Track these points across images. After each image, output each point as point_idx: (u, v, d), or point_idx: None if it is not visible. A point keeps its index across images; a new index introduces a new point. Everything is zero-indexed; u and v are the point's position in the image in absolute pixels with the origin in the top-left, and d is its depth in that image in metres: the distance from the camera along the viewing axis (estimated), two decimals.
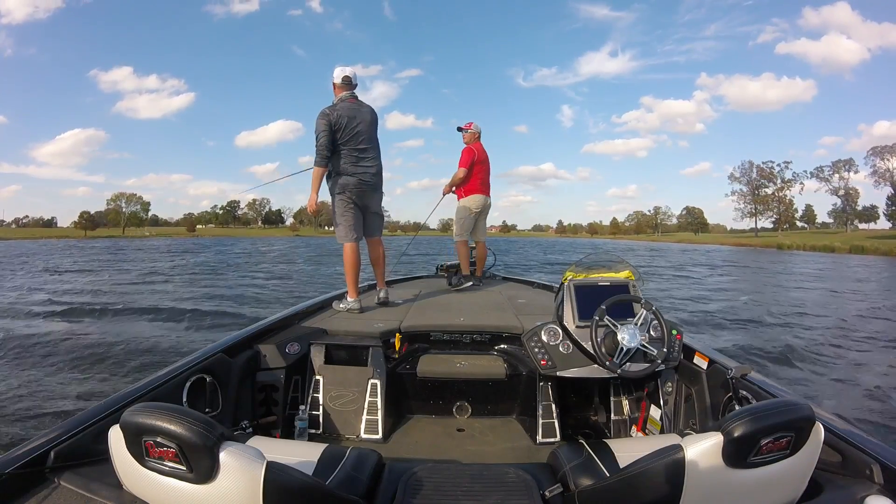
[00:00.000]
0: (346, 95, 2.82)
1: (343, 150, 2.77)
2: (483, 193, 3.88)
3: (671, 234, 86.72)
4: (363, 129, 2.80)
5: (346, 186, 2.80)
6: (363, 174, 2.83)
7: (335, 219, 2.88)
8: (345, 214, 2.84)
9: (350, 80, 2.85)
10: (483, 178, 3.89)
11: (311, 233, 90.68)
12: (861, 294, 11.43)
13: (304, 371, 2.18)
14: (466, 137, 3.88)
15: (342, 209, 2.84)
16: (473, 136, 3.90)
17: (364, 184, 2.84)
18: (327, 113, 2.73)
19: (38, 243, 43.60)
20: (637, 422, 2.11)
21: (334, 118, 2.72)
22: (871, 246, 36.59)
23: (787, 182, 68.55)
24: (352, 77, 2.85)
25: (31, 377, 4.19)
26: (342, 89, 2.84)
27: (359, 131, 2.78)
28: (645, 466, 1.05)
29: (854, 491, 1.10)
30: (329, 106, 2.78)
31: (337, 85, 2.85)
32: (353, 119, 2.76)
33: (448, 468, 1.48)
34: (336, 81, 2.85)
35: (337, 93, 2.85)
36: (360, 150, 2.80)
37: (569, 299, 2.04)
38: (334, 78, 2.86)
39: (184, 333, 6.10)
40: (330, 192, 2.90)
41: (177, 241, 53.97)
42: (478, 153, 3.88)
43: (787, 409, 0.99)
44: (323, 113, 2.74)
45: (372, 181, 2.88)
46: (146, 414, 0.89)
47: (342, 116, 2.73)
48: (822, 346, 5.73)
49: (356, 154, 2.79)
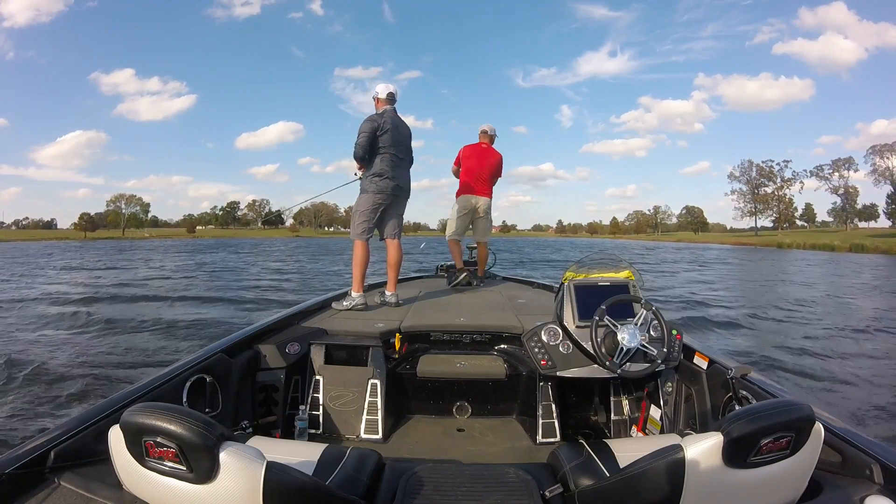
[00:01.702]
0: (389, 109, 3.00)
1: (386, 154, 2.93)
2: (469, 194, 3.84)
3: (671, 234, 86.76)
4: (404, 140, 3.04)
5: (384, 188, 2.94)
6: (401, 179, 3.01)
7: (358, 214, 2.97)
8: (368, 213, 2.95)
9: (393, 96, 3.05)
10: (471, 179, 3.84)
11: (311, 234, 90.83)
12: (862, 294, 11.45)
13: (304, 371, 2.18)
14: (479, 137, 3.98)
15: (371, 208, 2.95)
16: (484, 135, 3.95)
17: (400, 189, 3.02)
18: (375, 118, 2.92)
19: (42, 244, 43.89)
20: (637, 422, 2.11)
21: (380, 123, 2.90)
22: (871, 244, 36.63)
23: (787, 181, 68.80)
24: (395, 93, 3.06)
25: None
26: (385, 103, 3.01)
27: (401, 141, 3.00)
28: (645, 466, 1.05)
29: (854, 491, 1.10)
30: (377, 113, 2.97)
31: (381, 99, 3.03)
32: (397, 128, 2.97)
33: (448, 468, 1.48)
34: (381, 96, 3.03)
35: (379, 106, 3.02)
36: (400, 157, 3.00)
37: (569, 299, 2.04)
38: (378, 93, 3.03)
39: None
40: (362, 189, 3.00)
41: (183, 241, 54.61)
42: (468, 152, 3.86)
43: (787, 410, 0.99)
44: (371, 117, 2.93)
45: (406, 188, 3.09)
46: (146, 414, 0.89)
47: (387, 122, 2.91)
48: (821, 345, 5.74)
49: (398, 160, 2.98)
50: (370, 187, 2.94)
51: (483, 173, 3.87)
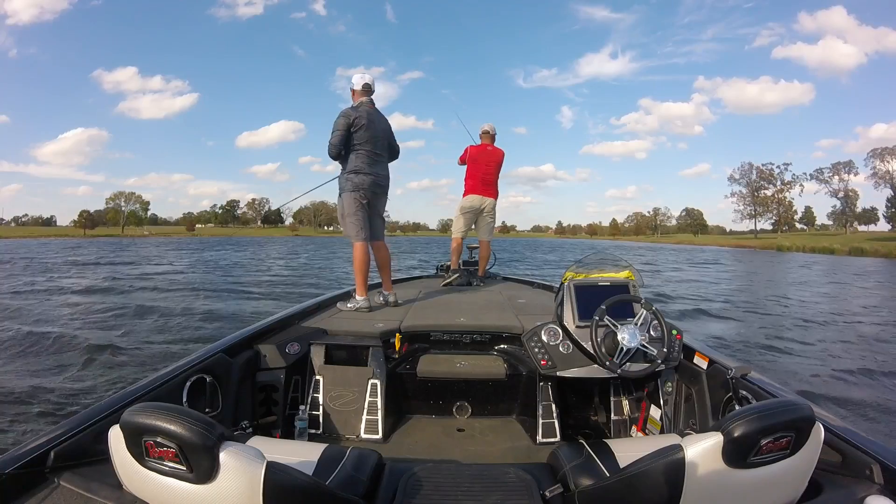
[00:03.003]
0: (365, 101, 2.89)
1: (361, 151, 2.83)
2: (475, 193, 3.89)
3: (670, 236, 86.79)
4: (381, 134, 2.90)
5: (361, 185, 2.84)
6: (377, 175, 2.90)
7: (345, 217, 2.89)
8: (357, 213, 2.86)
9: (369, 87, 2.94)
10: (477, 180, 3.90)
11: (311, 232, 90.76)
12: (863, 294, 11.49)
13: (304, 371, 2.17)
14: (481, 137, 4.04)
15: (354, 207, 2.86)
16: (486, 135, 4.01)
17: (378, 185, 2.91)
18: (349, 113, 2.81)
19: (38, 241, 44.09)
20: (637, 422, 2.11)
21: (354, 117, 2.79)
22: (870, 248, 36.58)
23: (787, 184, 68.85)
24: (371, 84, 2.95)
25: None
26: (361, 95, 2.92)
27: (377, 136, 2.87)
28: (645, 466, 1.05)
29: (854, 491, 1.10)
30: (351, 107, 2.87)
31: (356, 91, 2.93)
32: (372, 123, 2.84)
33: (448, 468, 1.48)
34: (356, 87, 2.93)
35: (355, 98, 2.93)
36: (376, 153, 2.89)
37: (569, 299, 2.04)
38: (353, 84, 2.94)
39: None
40: (340, 189, 2.91)
41: (184, 239, 55.08)
42: (474, 152, 3.90)
43: (787, 409, 0.99)
44: (345, 112, 2.81)
45: (385, 184, 2.98)
46: (146, 414, 0.89)
47: (362, 117, 2.80)
48: (821, 345, 5.74)
49: (374, 156, 2.87)
50: (347, 185, 2.84)
51: (489, 175, 3.95)
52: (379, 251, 3.06)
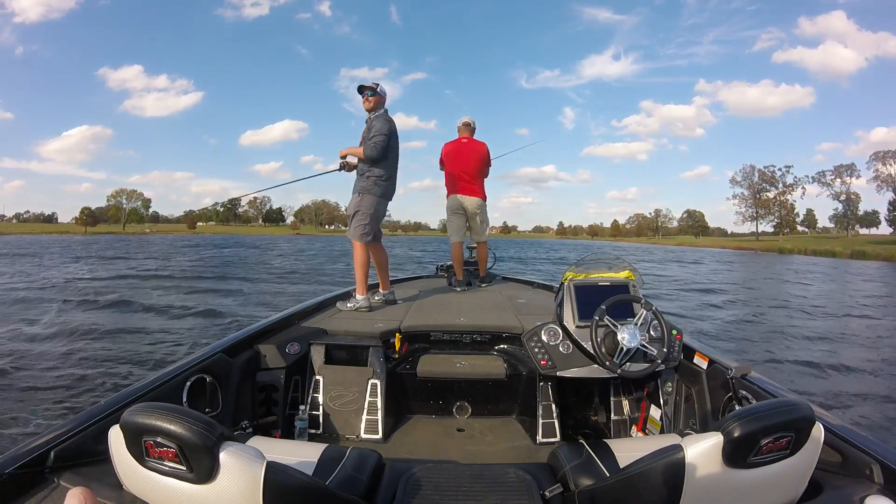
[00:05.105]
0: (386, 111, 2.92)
1: (393, 159, 2.92)
2: (454, 193, 3.67)
3: (672, 237, 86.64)
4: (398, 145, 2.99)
5: (388, 193, 2.95)
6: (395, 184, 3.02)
7: (361, 216, 2.86)
8: (377, 217, 2.92)
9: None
10: (454, 178, 3.66)
11: (312, 231, 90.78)
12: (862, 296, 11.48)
13: (304, 371, 2.18)
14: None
15: (380, 211, 2.93)
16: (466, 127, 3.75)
17: (393, 194, 3.04)
18: (391, 120, 2.88)
19: (44, 237, 44.45)
20: (637, 422, 2.11)
21: (393, 125, 2.86)
22: (872, 251, 36.49)
23: (789, 186, 68.55)
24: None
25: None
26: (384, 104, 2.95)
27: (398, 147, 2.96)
28: (645, 466, 1.05)
29: (854, 491, 1.10)
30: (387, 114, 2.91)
31: (383, 98, 2.93)
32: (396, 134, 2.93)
33: (448, 468, 1.48)
34: (384, 95, 2.92)
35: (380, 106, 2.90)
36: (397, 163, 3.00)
37: (569, 299, 2.04)
38: (381, 92, 2.91)
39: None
40: (364, 191, 2.88)
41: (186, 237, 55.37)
42: (447, 149, 3.69)
43: (787, 409, 0.99)
44: (389, 118, 2.88)
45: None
46: (146, 414, 0.89)
47: (394, 124, 2.88)
48: (821, 346, 5.73)
49: (397, 165, 2.99)
50: (375, 190, 2.86)
51: (467, 171, 3.64)
52: (378, 252, 3.10)
